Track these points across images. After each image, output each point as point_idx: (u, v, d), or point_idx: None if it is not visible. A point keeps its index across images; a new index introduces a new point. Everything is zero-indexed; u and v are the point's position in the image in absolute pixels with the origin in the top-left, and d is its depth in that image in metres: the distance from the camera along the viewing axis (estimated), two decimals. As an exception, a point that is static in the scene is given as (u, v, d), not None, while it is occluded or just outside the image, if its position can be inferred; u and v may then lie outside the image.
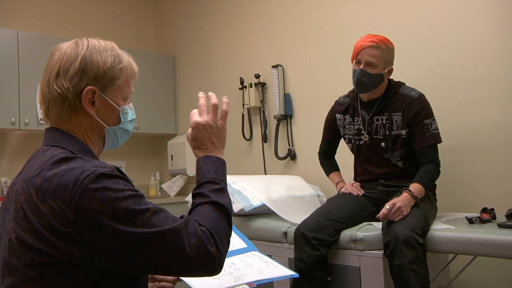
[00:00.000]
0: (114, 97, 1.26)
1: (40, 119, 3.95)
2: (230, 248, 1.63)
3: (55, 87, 1.20)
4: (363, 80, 2.44)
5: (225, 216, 1.24)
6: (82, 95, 1.20)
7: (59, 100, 1.21)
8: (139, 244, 1.05)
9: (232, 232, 1.75)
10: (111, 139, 1.32)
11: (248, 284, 1.42)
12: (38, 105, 3.96)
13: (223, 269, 1.47)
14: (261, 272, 1.49)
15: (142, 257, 1.07)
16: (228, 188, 2.93)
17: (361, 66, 2.43)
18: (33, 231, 1.05)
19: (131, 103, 1.34)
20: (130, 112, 1.33)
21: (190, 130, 1.41)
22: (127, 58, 1.30)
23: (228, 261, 1.54)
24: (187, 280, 1.35)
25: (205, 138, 1.38)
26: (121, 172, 1.13)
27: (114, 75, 1.25)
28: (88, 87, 1.21)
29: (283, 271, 1.53)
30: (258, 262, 1.57)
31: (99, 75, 1.22)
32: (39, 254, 1.05)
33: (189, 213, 1.23)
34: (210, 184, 1.27)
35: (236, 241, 1.70)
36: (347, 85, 2.71)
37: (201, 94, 1.43)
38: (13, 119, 3.87)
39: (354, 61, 2.48)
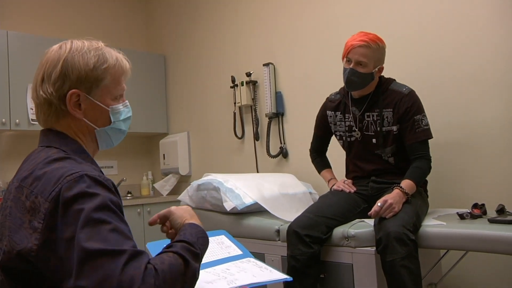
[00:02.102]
0: (101, 98, 1.26)
1: (32, 119, 3.93)
2: (226, 255, 1.66)
3: (41, 92, 1.22)
4: (353, 79, 2.45)
5: (186, 273, 1.09)
6: (66, 99, 1.21)
7: (45, 105, 1.23)
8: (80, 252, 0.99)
9: (228, 240, 1.78)
10: (103, 139, 1.32)
11: (242, 287, 1.44)
12: (29, 105, 3.94)
13: (217, 274, 1.49)
14: (255, 276, 1.52)
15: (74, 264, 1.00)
16: (220, 186, 2.95)
17: (352, 65, 2.44)
18: (17, 227, 1.08)
19: (126, 101, 1.33)
20: (124, 110, 1.32)
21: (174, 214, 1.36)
22: (115, 56, 1.29)
23: (223, 266, 1.57)
24: None
25: (185, 214, 1.35)
26: (115, 187, 1.14)
27: (97, 76, 1.24)
28: (72, 90, 1.21)
29: (277, 275, 1.56)
30: (252, 267, 1.60)
31: (81, 78, 1.21)
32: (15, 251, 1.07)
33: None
34: (187, 245, 1.17)
35: (231, 249, 1.73)
36: (339, 82, 2.72)
37: None
38: (3, 120, 3.84)
39: (345, 59, 2.49)
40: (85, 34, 1.33)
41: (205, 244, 1.25)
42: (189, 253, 1.13)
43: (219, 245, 1.73)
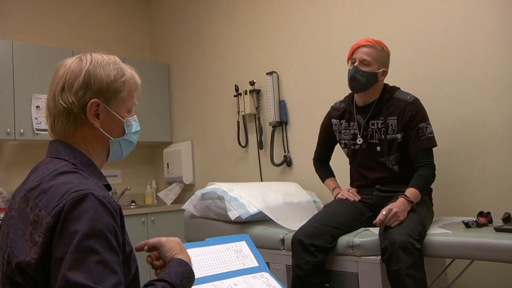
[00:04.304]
0: (118, 109, 1.30)
1: (36, 129, 3.94)
2: (239, 267, 1.64)
3: (61, 102, 1.24)
4: (356, 76, 2.46)
5: None
6: (87, 108, 1.24)
7: (64, 114, 1.25)
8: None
9: (247, 248, 1.76)
10: (115, 150, 1.35)
11: None
12: (33, 115, 3.95)
13: None
14: None
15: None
16: (224, 195, 2.95)
17: (356, 64, 2.46)
18: (18, 238, 1.09)
19: (135, 116, 1.38)
20: (134, 124, 1.37)
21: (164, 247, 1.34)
22: (129, 71, 1.34)
23: (231, 281, 1.55)
24: None
25: (175, 247, 1.34)
26: (120, 212, 1.14)
27: (117, 87, 1.28)
28: (92, 100, 1.24)
29: None
30: (260, 285, 1.57)
31: (103, 88, 1.26)
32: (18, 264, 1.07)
33: None
34: (168, 286, 1.17)
35: (248, 259, 1.71)
36: (342, 91, 2.72)
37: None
38: (8, 130, 3.86)
39: (350, 61, 2.51)
40: (90, 44, 1.36)
41: (188, 286, 1.24)
42: None
43: (236, 254, 1.70)
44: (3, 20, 4.29)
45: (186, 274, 1.23)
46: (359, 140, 2.58)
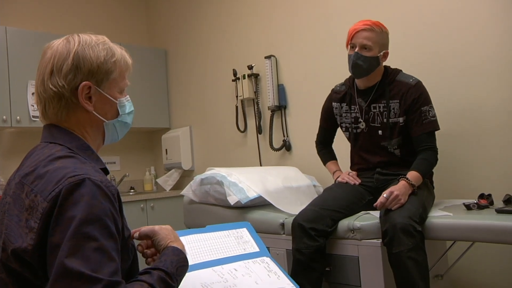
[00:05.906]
0: (110, 91, 1.26)
1: (33, 116, 3.91)
2: (240, 252, 1.63)
3: (50, 86, 1.20)
4: (358, 63, 2.42)
5: None
6: (78, 91, 1.20)
7: (55, 99, 1.21)
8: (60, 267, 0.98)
9: (248, 234, 1.75)
10: (110, 133, 1.32)
11: None
12: (30, 102, 3.92)
13: (220, 275, 1.47)
14: (257, 283, 1.49)
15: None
16: (223, 180, 2.94)
17: (356, 50, 2.41)
18: (14, 224, 1.07)
19: (127, 96, 1.34)
20: (127, 104, 1.33)
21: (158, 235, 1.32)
22: (119, 51, 1.30)
23: (231, 266, 1.54)
24: None
25: (169, 235, 1.32)
26: (118, 196, 1.12)
27: (108, 68, 1.24)
28: (83, 82, 1.20)
29: (282, 283, 1.52)
30: (261, 270, 1.56)
31: (93, 70, 1.21)
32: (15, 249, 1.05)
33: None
34: (165, 276, 1.15)
35: (248, 245, 1.70)
36: (341, 74, 2.70)
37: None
38: (4, 117, 3.83)
39: (349, 46, 2.47)
40: (86, 29, 1.32)
41: (183, 274, 1.23)
42: (164, 286, 1.12)
43: (237, 240, 1.70)
44: (-3, 6, 4.24)
45: (181, 263, 1.22)
46: (362, 124, 2.55)
